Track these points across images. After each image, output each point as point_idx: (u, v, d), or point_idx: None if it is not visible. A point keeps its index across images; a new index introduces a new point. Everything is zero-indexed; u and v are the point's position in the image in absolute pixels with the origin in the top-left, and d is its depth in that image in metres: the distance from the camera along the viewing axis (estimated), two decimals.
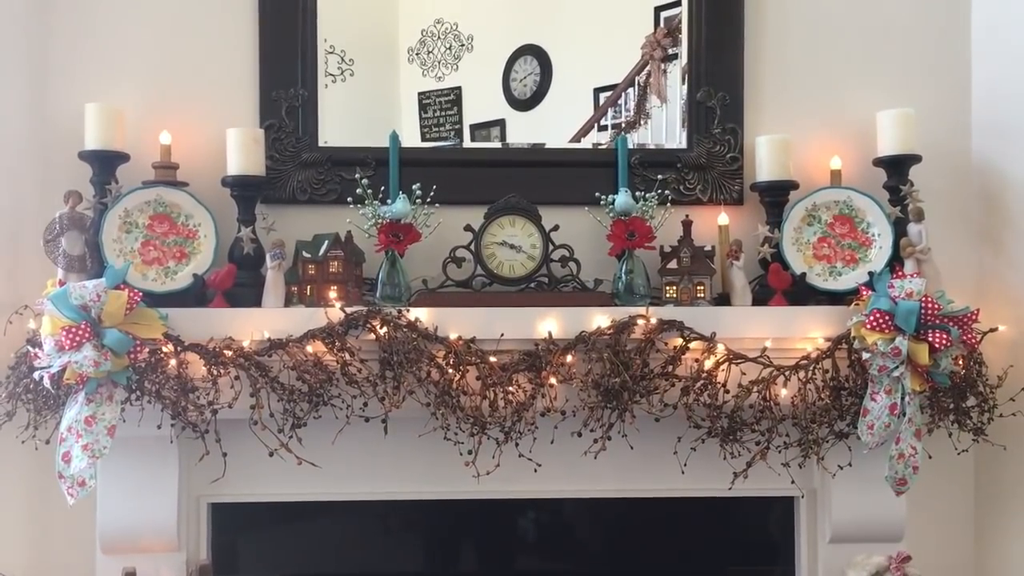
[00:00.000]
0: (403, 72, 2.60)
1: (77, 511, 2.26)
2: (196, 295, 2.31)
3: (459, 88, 2.59)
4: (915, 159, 2.45)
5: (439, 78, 2.58)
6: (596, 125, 2.61)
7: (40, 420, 2.24)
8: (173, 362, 2.16)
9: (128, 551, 2.28)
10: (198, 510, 2.40)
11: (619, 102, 2.61)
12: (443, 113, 2.59)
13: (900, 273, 2.33)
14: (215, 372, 2.17)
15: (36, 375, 2.13)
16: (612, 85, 2.61)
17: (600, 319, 2.27)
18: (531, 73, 2.60)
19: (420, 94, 2.60)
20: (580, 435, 2.25)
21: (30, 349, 2.19)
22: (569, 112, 2.61)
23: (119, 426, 2.13)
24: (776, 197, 2.48)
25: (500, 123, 2.62)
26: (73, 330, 2.05)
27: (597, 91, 2.62)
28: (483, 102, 2.61)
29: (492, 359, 2.24)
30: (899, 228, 2.42)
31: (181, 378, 2.17)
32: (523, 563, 2.63)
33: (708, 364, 2.27)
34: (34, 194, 2.40)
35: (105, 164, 2.34)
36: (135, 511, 2.32)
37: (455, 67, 2.58)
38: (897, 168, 2.46)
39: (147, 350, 2.14)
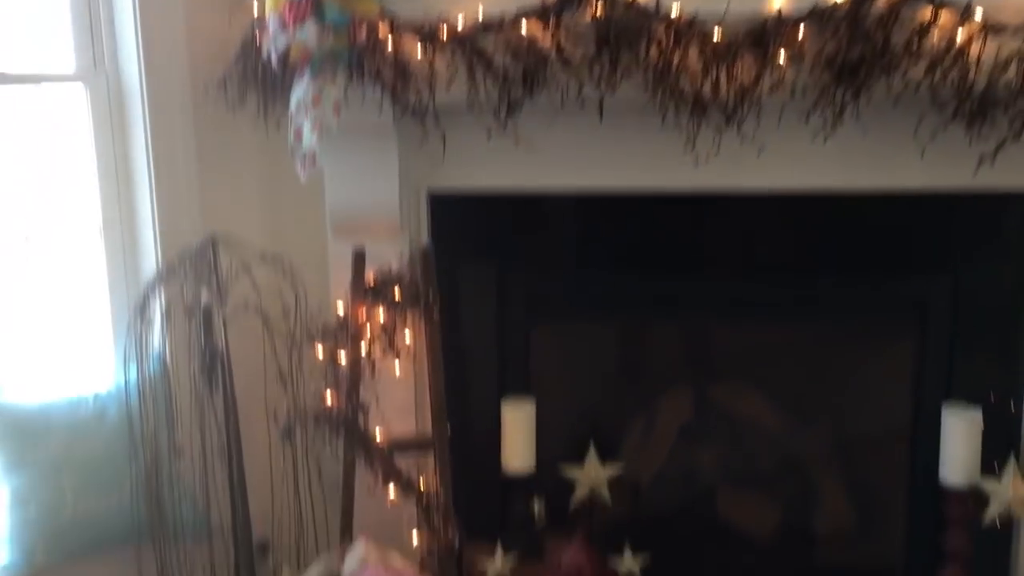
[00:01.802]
0: None
1: (309, 195, 2.40)
2: None
3: None
4: None
5: None
6: None
7: (269, 104, 2.33)
8: (390, 43, 2.17)
9: (356, 232, 2.40)
10: (418, 196, 2.48)
11: None
12: None
13: None
14: (431, 53, 2.16)
15: (264, 53, 2.19)
16: None
17: None
18: None
19: None
20: (808, 118, 2.11)
21: (255, 32, 2.24)
22: None
23: (342, 114, 2.17)
24: None
25: None
26: (295, 4, 2.08)
27: None
28: None
29: (716, 32, 2.10)
30: None
31: (398, 59, 2.17)
32: (737, 258, 2.54)
33: (960, 37, 2.04)
34: None
35: None
36: (360, 196, 2.42)
37: None
38: None
39: (365, 28, 2.14)
